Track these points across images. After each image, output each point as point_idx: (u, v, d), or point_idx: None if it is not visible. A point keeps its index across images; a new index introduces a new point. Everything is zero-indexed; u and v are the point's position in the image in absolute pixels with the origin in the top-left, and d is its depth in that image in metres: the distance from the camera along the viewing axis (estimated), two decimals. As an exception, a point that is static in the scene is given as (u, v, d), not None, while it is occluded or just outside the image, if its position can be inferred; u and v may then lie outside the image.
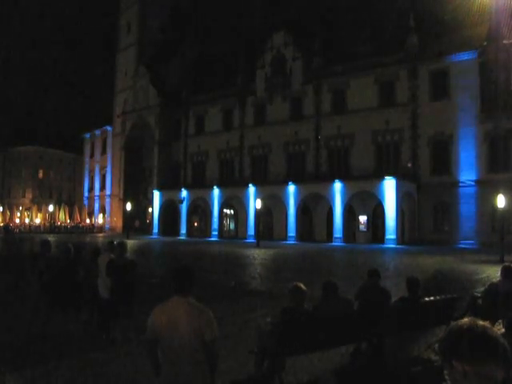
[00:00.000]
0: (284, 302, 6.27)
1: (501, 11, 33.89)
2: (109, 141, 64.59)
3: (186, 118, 53.39)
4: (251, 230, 41.55)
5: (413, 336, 7.48)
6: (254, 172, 47.50)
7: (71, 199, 78.76)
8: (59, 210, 63.74)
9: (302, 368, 6.15)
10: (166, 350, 3.55)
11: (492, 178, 32.76)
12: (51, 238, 43.81)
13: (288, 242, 38.01)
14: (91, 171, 68.22)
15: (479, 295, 8.26)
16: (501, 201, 23.73)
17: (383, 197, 34.44)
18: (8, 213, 65.01)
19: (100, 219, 63.88)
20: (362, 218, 39.17)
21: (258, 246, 31.59)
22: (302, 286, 5.74)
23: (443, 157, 36.49)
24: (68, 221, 63.33)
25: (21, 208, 70.19)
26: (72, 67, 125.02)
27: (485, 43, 34.02)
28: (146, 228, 53.12)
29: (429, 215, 36.50)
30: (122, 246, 8.56)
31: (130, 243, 24.07)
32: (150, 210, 52.93)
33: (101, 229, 61.49)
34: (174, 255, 26.62)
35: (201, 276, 3.92)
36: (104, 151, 65.61)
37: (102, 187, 65.32)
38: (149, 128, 55.11)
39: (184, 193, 47.76)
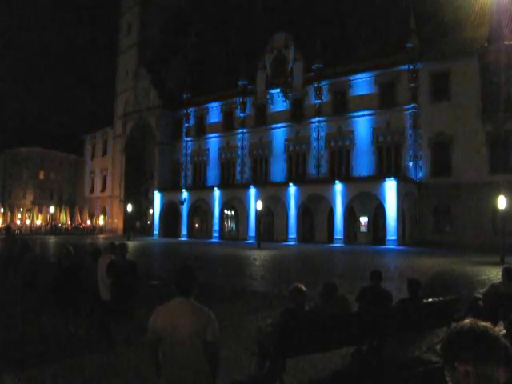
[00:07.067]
0: (285, 303, 6.26)
1: (502, 12, 33.89)
2: (110, 142, 64.61)
3: (187, 119, 53.41)
4: (252, 232, 41.54)
5: (414, 337, 7.47)
6: (255, 173, 47.51)
7: (72, 200, 78.73)
8: (60, 211, 63.78)
9: (302, 369, 6.14)
10: (167, 351, 3.55)
11: (493, 179, 32.73)
12: (52, 239, 43.92)
13: (289, 244, 37.99)
14: (92, 172, 68.20)
15: (480, 296, 8.26)
16: (501, 202, 23.72)
17: (384, 198, 34.41)
18: (9, 214, 65.05)
19: (101, 220, 63.86)
20: (363, 219, 39.15)
21: (258, 247, 31.58)
22: (303, 287, 5.73)
23: (444, 158, 36.45)
24: (69, 222, 63.36)
25: (22, 209, 70.22)
26: (73, 68, 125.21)
27: (486, 44, 34.00)
28: (147, 229, 53.12)
29: (429, 216, 36.46)
30: (123, 247, 8.57)
31: (131, 244, 24.07)
32: (150, 211, 52.91)
33: (101, 230, 61.47)
34: (175, 256, 26.61)
35: (202, 277, 3.92)
36: (105, 152, 65.62)
37: (103, 188, 65.33)
38: (149, 129, 55.12)
39: (185, 194, 47.78)
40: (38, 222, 65.15)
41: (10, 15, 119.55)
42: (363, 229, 39.15)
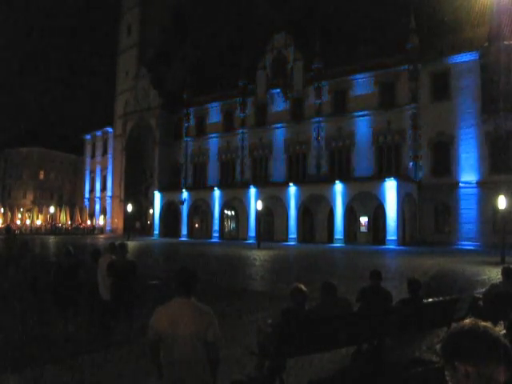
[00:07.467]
0: (285, 303, 6.26)
1: (502, 12, 33.89)
2: (110, 142, 64.64)
3: (187, 119, 53.40)
4: (252, 232, 41.55)
5: (414, 337, 7.47)
6: (255, 173, 47.53)
7: (72, 200, 78.76)
8: (60, 211, 63.78)
9: (302, 369, 6.14)
10: (168, 351, 3.55)
11: (493, 178, 32.76)
12: (52, 239, 43.91)
13: (289, 244, 37.99)
14: (92, 172, 68.23)
15: (480, 296, 8.25)
16: (502, 202, 23.69)
17: (384, 198, 34.42)
18: (9, 214, 65.03)
19: (101, 220, 63.89)
20: (363, 219, 39.15)
21: (258, 247, 31.56)
22: (303, 286, 5.73)
23: (444, 158, 36.48)
24: (69, 222, 63.36)
25: (22, 209, 70.20)
26: (73, 68, 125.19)
27: (486, 44, 34.02)
28: (147, 229, 53.12)
29: (430, 216, 36.47)
30: (123, 247, 8.57)
31: (131, 245, 24.06)
32: (150, 211, 52.92)
33: (102, 230, 61.50)
34: (175, 256, 26.62)
35: (202, 277, 3.93)
36: (105, 152, 65.65)
37: (103, 188, 65.35)
38: (150, 129, 55.15)
39: (185, 194, 47.77)
40: (38, 222, 65.12)
41: (9, 15, 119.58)
42: (363, 229, 39.16)
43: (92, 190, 67.97)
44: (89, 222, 63.28)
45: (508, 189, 27.70)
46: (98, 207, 65.88)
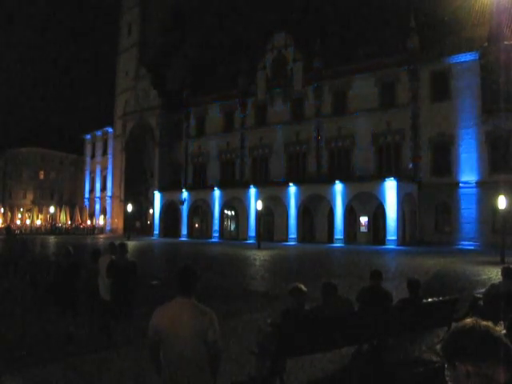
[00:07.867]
0: (284, 303, 6.26)
1: (502, 12, 33.90)
2: (110, 142, 64.61)
3: (187, 119, 53.38)
4: (252, 232, 41.53)
5: (414, 337, 7.47)
6: (255, 173, 47.49)
7: (72, 200, 78.69)
8: (60, 211, 63.77)
9: (302, 369, 6.14)
10: (168, 351, 3.54)
11: (493, 178, 32.74)
12: (52, 239, 43.91)
13: (289, 244, 37.98)
14: (92, 172, 68.21)
15: (480, 296, 8.26)
16: (502, 202, 23.69)
17: (384, 198, 34.41)
18: (9, 214, 65.03)
19: (101, 220, 63.86)
20: (363, 219, 39.14)
21: (258, 247, 31.55)
22: (303, 286, 5.73)
23: (444, 158, 36.46)
24: (69, 222, 63.35)
25: (22, 209, 70.19)
26: (73, 68, 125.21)
27: (486, 44, 33.99)
28: (147, 229, 53.09)
29: (430, 216, 36.45)
30: (123, 247, 8.57)
31: (131, 244, 24.05)
32: (150, 211, 52.90)
33: (102, 230, 61.48)
34: (175, 257, 26.62)
35: (202, 277, 3.94)
36: (105, 152, 65.62)
37: (103, 188, 65.33)
38: (150, 129, 55.13)
39: (185, 194, 47.75)
40: (38, 222, 65.10)
41: (9, 14, 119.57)
42: (363, 229, 39.14)
43: (92, 190, 67.95)
44: (89, 222, 63.24)
45: (508, 189, 27.69)
46: (98, 207, 65.86)
